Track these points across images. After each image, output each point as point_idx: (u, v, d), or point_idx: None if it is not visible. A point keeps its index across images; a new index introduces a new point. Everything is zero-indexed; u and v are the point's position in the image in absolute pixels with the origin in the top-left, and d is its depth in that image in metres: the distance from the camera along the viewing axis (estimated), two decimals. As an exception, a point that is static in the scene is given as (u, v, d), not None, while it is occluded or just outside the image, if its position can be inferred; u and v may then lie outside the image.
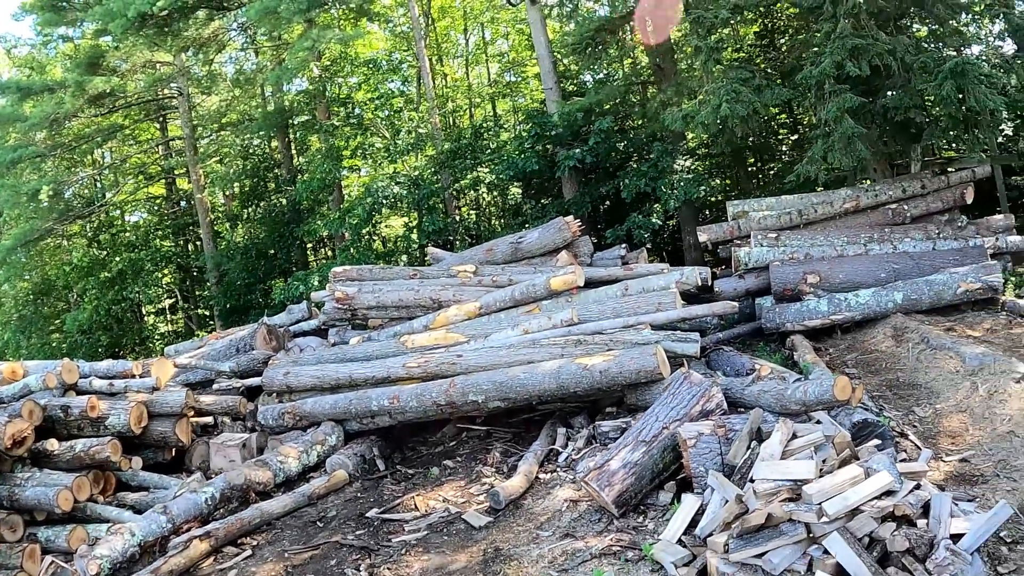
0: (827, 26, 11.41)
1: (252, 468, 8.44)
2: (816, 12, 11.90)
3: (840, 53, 11.00)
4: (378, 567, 6.06)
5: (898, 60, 11.28)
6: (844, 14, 11.19)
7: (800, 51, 13.18)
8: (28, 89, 22.94)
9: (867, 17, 11.39)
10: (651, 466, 6.06)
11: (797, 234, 12.02)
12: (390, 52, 25.38)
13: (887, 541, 4.19)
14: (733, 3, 12.88)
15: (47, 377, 9.87)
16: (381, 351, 10.24)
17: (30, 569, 7.54)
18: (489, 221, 22.87)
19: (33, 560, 7.64)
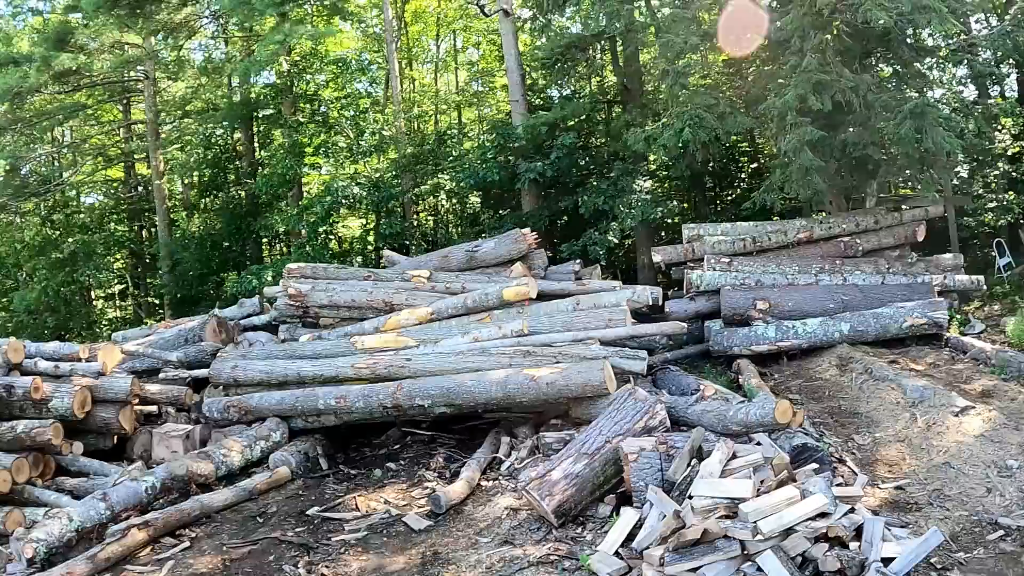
0: (794, 59, 11.63)
1: (194, 460, 8.37)
2: (784, 45, 12.11)
3: (804, 86, 11.21)
4: (316, 565, 6.05)
5: (860, 97, 11.53)
6: (811, 49, 11.43)
7: (766, 82, 13.37)
8: (-9, 61, 22.56)
9: (833, 54, 11.63)
10: (592, 478, 6.14)
11: (750, 261, 12.23)
12: (360, 52, 25.33)
13: (819, 561, 4.30)
14: (703, 30, 13.07)
15: (-8, 355, 9.72)
16: (331, 350, 10.23)
17: (-38, 549, 7.42)
18: (447, 228, 22.91)
19: (-33, 540, 7.51)
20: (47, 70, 20.66)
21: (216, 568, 6.23)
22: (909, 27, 11.63)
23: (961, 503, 5.61)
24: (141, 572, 6.36)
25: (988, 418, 6.83)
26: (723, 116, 12.74)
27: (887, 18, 10.66)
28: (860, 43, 12.16)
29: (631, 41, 16.19)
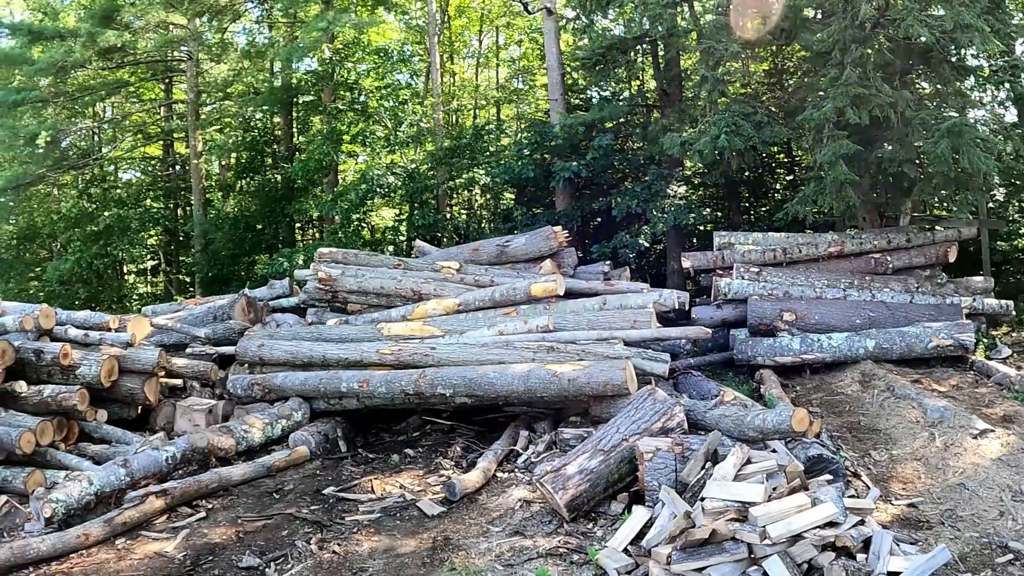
0: (833, 72, 11.56)
1: (216, 434, 8.51)
2: (824, 57, 12.06)
3: (842, 100, 11.14)
4: (328, 542, 6.15)
5: (898, 114, 11.45)
6: (851, 62, 11.35)
7: (804, 93, 13.31)
8: (39, 33, 22.76)
9: (873, 68, 11.55)
10: (607, 475, 6.19)
11: (779, 271, 12.19)
12: (402, 44, 25.45)
13: (824, 569, 4.33)
14: (744, 39, 13.04)
15: (24, 319, 9.90)
16: (357, 335, 10.33)
17: (-17, 505, 7.60)
18: (479, 223, 22.93)
19: (-13, 498, 7.69)
20: (92, 46, 20.91)
21: (230, 539, 6.35)
22: (951, 45, 11.50)
23: (973, 524, 5.60)
24: (156, 538, 6.50)
25: (1007, 442, 6.79)
26: (760, 125, 12.71)
27: (929, 35, 10.58)
28: (901, 59, 12.06)
29: (672, 45, 16.16)
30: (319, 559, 5.85)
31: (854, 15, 11.14)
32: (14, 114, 22.93)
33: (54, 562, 6.08)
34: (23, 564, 6.00)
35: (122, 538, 6.52)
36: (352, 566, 5.67)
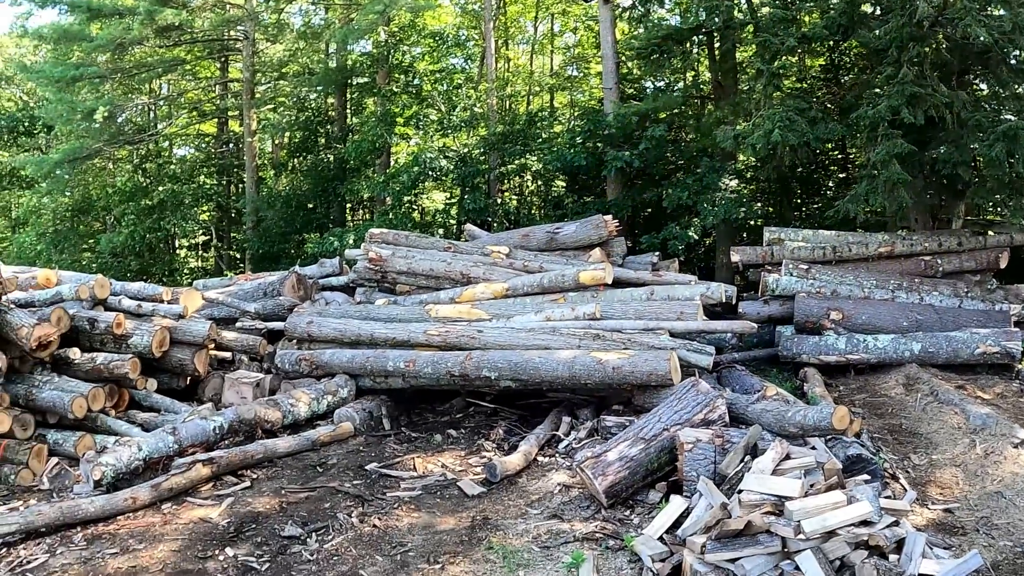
0: (890, 70, 11.42)
1: (263, 406, 8.72)
2: (881, 55, 11.92)
3: (898, 99, 11.00)
4: (369, 516, 6.31)
5: (954, 115, 11.27)
6: (907, 61, 11.21)
7: (860, 90, 13.16)
8: (98, 11, 23.18)
9: (930, 67, 11.39)
10: (646, 463, 6.26)
11: (828, 270, 12.09)
12: (457, 28, 25.53)
13: (856, 567, 4.36)
14: (802, 32, 12.93)
15: (80, 289, 10.18)
16: (405, 315, 10.48)
17: (35, 467, 7.88)
18: (530, 209, 22.97)
19: (39, 459, 7.96)
20: (150, 24, 21.28)
21: (273, 509, 6.53)
22: (1009, 46, 11.30)
23: (1008, 533, 5.58)
24: (201, 504, 6.71)
25: (1049, 453, 6.75)
26: (814, 121, 12.59)
27: (987, 35, 10.39)
28: (959, 59, 11.85)
29: (728, 37, 16.04)
30: (359, 532, 6.01)
31: (912, 13, 10.98)
32: (72, 89, 23.40)
33: (101, 523, 6.33)
34: (72, 524, 6.25)
35: (168, 503, 6.75)
36: (391, 540, 5.82)
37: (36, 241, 26.44)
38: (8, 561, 5.68)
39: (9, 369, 8.46)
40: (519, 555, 5.40)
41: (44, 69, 23.47)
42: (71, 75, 22.35)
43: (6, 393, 8.20)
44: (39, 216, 27.83)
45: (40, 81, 23.94)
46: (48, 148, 29.65)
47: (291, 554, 5.68)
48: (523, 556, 5.39)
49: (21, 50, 33.49)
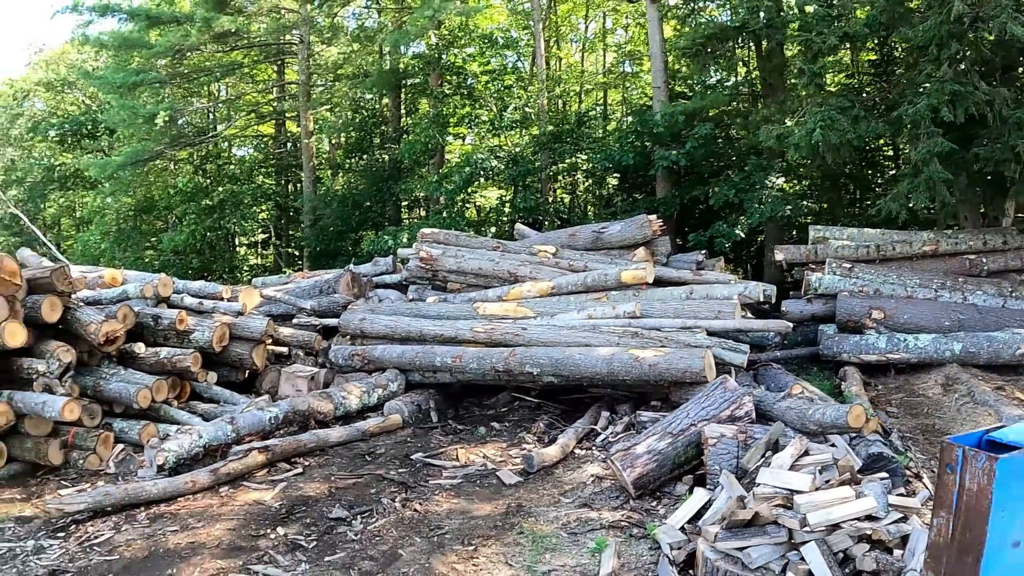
0: (930, 68, 11.44)
1: (317, 398, 9.18)
2: (923, 52, 11.94)
3: (938, 97, 11.03)
4: (411, 501, 6.73)
5: (995, 112, 11.26)
6: (947, 59, 11.23)
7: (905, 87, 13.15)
8: (156, 18, 23.99)
9: (971, 65, 11.38)
10: (673, 457, 6.55)
11: (871, 268, 12.14)
12: (508, 28, 25.80)
13: (856, 560, 4.60)
14: (844, 30, 12.96)
15: (144, 287, 10.72)
16: (453, 313, 10.86)
17: (101, 453, 8.39)
18: (584, 207, 23.22)
19: (106, 446, 8.48)
20: (208, 31, 21.95)
21: (323, 493, 6.99)
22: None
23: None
24: (256, 488, 7.19)
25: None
26: (857, 119, 12.63)
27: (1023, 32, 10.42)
28: (1001, 56, 11.81)
29: (774, 36, 16.09)
30: (401, 515, 6.42)
31: (949, 11, 10.99)
32: (134, 94, 24.23)
33: (163, 504, 6.84)
34: (136, 504, 6.78)
35: (225, 487, 7.24)
36: (430, 523, 6.22)
37: (100, 240, 27.39)
38: (77, 536, 6.21)
39: (78, 362, 8.99)
40: (547, 540, 5.76)
41: (106, 76, 24.35)
42: (132, 81, 23.19)
43: (76, 384, 8.74)
44: (103, 216, 28.80)
45: (103, 87, 24.82)
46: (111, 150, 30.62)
47: (337, 534, 6.12)
48: (551, 541, 5.74)
49: (82, 56, 34.55)
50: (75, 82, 33.30)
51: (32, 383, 8.49)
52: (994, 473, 2.11)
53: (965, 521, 2.22)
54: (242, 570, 5.51)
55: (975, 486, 2.15)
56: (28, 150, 36.66)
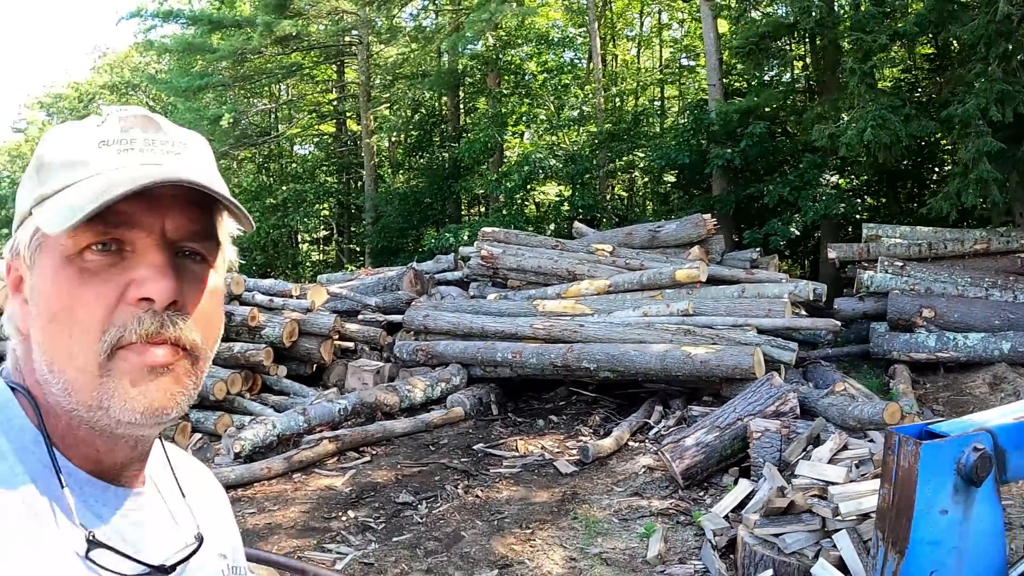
0: (979, 67, 11.50)
1: (382, 391, 9.69)
2: (972, 50, 12.00)
3: (986, 96, 11.11)
4: (473, 488, 7.23)
5: (1043, 111, 11.30)
6: (995, 57, 11.27)
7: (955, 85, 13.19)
8: (218, 23, 24.71)
9: (1020, 64, 11.42)
10: (720, 449, 6.94)
11: (923, 267, 12.22)
12: (565, 26, 26.06)
13: (884, 545, 4.97)
14: (895, 28, 13.03)
15: (226, 286, 11.34)
16: (513, 310, 11.26)
17: (180, 442, 9.02)
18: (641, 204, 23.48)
19: (184, 435, 9.12)
20: (269, 35, 22.57)
21: (389, 480, 7.53)
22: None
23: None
24: (327, 475, 7.78)
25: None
26: (908, 118, 12.71)
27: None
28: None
29: (826, 34, 16.17)
30: (464, 501, 6.92)
31: (995, 10, 11.02)
32: (198, 97, 25.00)
33: (240, 488, 7.40)
34: (214, 489, 7.35)
35: (298, 473, 7.82)
36: (491, 508, 6.71)
37: (166, 241, 28.15)
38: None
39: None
40: (599, 525, 6.20)
41: (171, 80, 25.17)
42: (197, 84, 23.95)
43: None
44: (169, 217, 29.59)
45: (168, 91, 25.67)
46: (176, 152, 31.34)
47: (403, 517, 6.65)
48: (603, 526, 6.19)
49: (145, 59, 35.59)
50: (139, 85, 34.34)
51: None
52: (918, 455, 2.61)
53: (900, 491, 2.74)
54: (317, 548, 6.05)
55: (906, 464, 2.66)
56: (93, 152, 37.80)
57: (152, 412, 0.97)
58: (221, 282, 1.10)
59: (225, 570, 1.20)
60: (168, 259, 0.99)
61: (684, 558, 5.59)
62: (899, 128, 12.41)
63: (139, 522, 1.05)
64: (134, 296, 0.96)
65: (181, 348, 0.99)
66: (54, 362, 0.97)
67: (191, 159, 1.05)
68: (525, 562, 5.68)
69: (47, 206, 0.97)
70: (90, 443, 1.01)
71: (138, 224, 0.97)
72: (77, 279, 0.96)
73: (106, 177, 0.96)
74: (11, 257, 1.04)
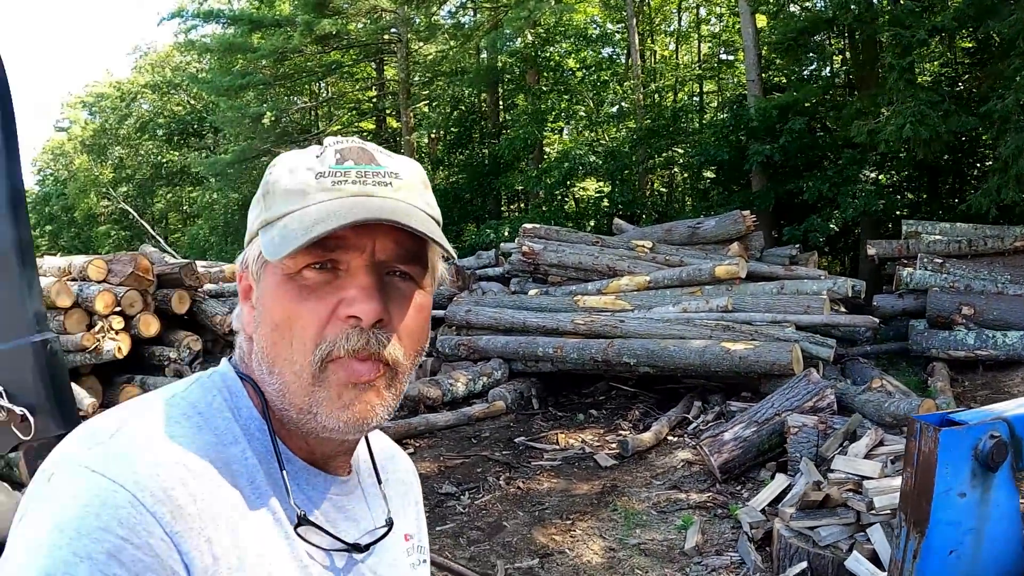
0: (1017, 62, 11.48)
1: (425, 385, 9.92)
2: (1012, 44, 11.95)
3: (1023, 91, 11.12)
4: (514, 480, 7.45)
5: (1082, 107, 11.26)
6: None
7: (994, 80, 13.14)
8: (259, 22, 25.10)
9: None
10: (758, 444, 7.08)
11: (962, 264, 12.16)
12: (603, 22, 26.11)
13: (917, 540, 5.10)
14: (933, 23, 13.00)
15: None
16: (554, 305, 11.44)
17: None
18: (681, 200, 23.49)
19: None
20: (309, 34, 22.86)
21: (433, 471, 7.78)
22: None
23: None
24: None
25: None
26: (947, 114, 12.68)
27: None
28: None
29: (865, 28, 16.09)
30: (505, 492, 7.14)
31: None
32: (240, 96, 25.35)
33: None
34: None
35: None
36: (532, 499, 6.92)
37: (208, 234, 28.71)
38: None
39: (203, 350, 9.96)
40: (638, 517, 6.39)
41: (213, 79, 25.60)
42: (238, 84, 24.36)
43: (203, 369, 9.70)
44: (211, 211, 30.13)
45: (210, 90, 26.08)
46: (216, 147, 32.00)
47: (447, 507, 6.89)
48: (641, 518, 6.37)
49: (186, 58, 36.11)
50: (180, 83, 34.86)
51: (163, 369, 9.44)
52: (938, 440, 2.80)
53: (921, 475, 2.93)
54: (364, 535, 6.27)
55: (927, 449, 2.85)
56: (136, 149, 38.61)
57: (354, 423, 1.10)
58: (428, 300, 1.19)
59: (410, 549, 1.36)
60: (376, 281, 1.09)
61: (721, 550, 5.75)
62: (938, 124, 12.39)
63: (341, 506, 1.21)
64: (344, 313, 1.07)
65: (383, 363, 1.10)
66: (274, 364, 1.10)
67: (401, 189, 1.13)
68: (565, 552, 5.88)
69: (269, 232, 1.10)
70: (303, 436, 1.17)
71: (351, 246, 1.08)
72: (296, 295, 1.08)
73: (321, 208, 1.07)
74: (241, 268, 1.18)
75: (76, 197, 40.28)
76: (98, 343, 8.83)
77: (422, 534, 1.45)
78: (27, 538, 0.92)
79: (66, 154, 43.65)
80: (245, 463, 1.09)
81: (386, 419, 1.15)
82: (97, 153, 40.12)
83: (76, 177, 40.76)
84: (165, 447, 1.02)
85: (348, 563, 1.19)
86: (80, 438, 1.02)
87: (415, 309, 1.14)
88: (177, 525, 0.96)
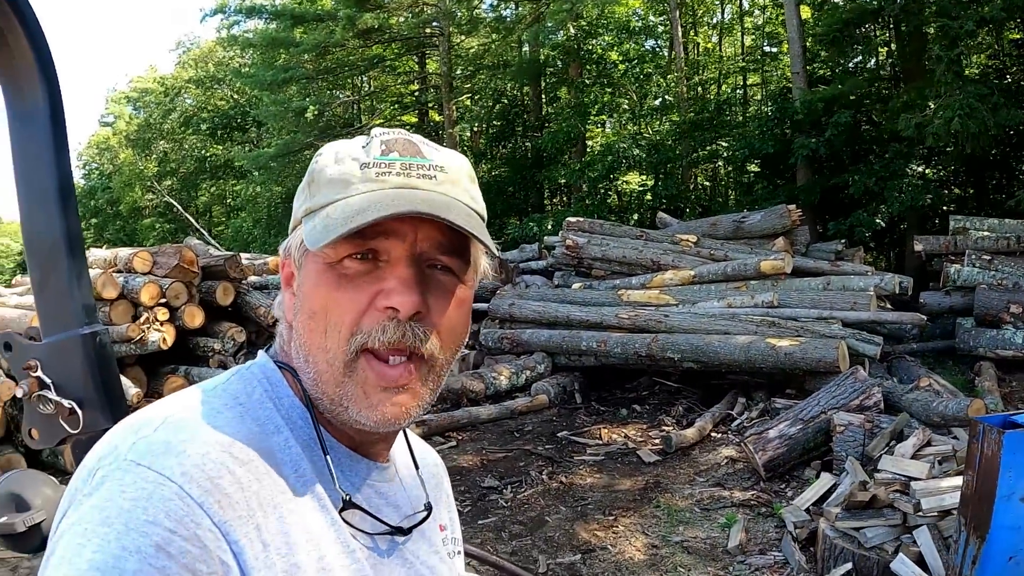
0: None
1: (469, 378, 9.99)
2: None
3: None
4: (557, 474, 7.48)
5: None
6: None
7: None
8: (300, 17, 25.33)
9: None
10: (803, 442, 7.05)
11: (1011, 261, 11.94)
12: (646, 15, 25.97)
13: (962, 543, 5.06)
14: (980, 15, 12.79)
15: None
16: (598, 299, 11.45)
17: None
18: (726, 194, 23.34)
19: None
20: (352, 28, 22.98)
21: (475, 465, 7.84)
22: None
23: None
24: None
25: None
26: (997, 107, 12.48)
27: None
28: None
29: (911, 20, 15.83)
30: (548, 486, 7.18)
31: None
32: (282, 90, 25.57)
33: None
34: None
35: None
36: (574, 494, 6.95)
37: (252, 226, 29.01)
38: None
39: (247, 341, 10.10)
40: (681, 514, 6.40)
41: (256, 74, 25.85)
42: (281, 78, 24.61)
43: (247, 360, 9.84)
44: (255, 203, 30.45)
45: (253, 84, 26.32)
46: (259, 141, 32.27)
47: (489, 500, 6.95)
48: (685, 515, 6.38)
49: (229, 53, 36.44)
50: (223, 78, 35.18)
51: (207, 360, 9.58)
52: (1001, 443, 2.77)
53: (982, 478, 2.90)
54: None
55: (989, 452, 2.82)
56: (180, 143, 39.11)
57: (384, 422, 1.13)
58: (469, 294, 1.18)
59: (446, 539, 1.39)
60: (416, 273, 1.09)
61: (764, 549, 5.74)
62: (987, 117, 12.18)
63: (382, 491, 1.24)
64: (382, 304, 1.07)
65: (419, 357, 1.10)
66: (310, 352, 1.11)
67: (445, 183, 1.12)
68: (607, 547, 5.91)
69: (311, 220, 1.11)
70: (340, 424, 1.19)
71: (393, 235, 1.08)
72: (335, 284, 1.09)
73: (363, 199, 1.07)
74: (284, 255, 1.20)
75: (121, 191, 40.97)
76: (143, 334, 9.00)
77: (455, 525, 1.48)
78: (75, 533, 0.93)
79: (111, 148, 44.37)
80: (288, 451, 1.11)
81: (421, 414, 1.15)
82: (142, 147, 40.79)
83: (121, 171, 41.47)
84: (209, 437, 1.03)
85: (391, 546, 1.22)
86: (124, 432, 1.04)
87: (455, 303, 1.14)
88: (225, 515, 0.98)
